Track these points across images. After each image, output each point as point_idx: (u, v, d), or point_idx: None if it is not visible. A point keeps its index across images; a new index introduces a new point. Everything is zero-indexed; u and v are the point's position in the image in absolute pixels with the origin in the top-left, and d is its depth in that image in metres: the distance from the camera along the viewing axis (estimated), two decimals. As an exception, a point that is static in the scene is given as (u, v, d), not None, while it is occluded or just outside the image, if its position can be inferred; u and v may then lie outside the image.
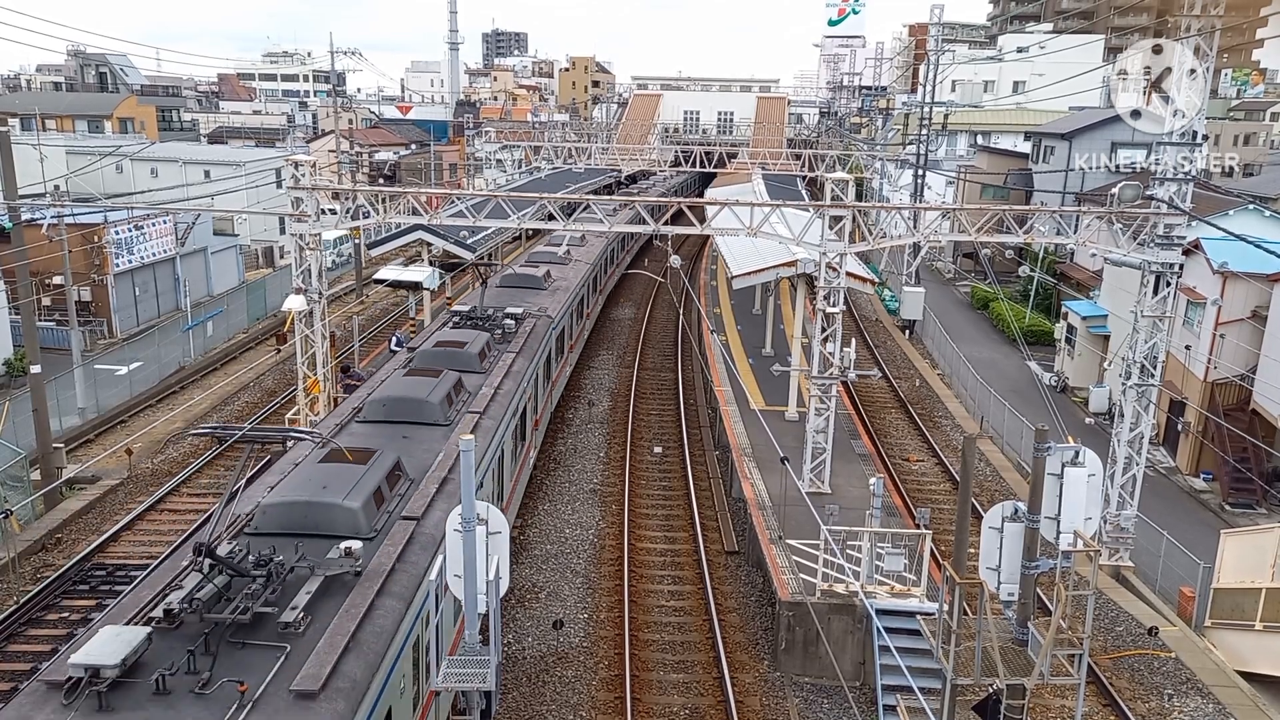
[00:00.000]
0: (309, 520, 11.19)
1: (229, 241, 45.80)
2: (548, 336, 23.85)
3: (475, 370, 18.84)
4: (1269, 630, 16.52)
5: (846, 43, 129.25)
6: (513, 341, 21.71)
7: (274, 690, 8.22)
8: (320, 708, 8.10)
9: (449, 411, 16.16)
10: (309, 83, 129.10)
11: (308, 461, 12.92)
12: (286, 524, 11.15)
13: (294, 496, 11.51)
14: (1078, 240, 20.59)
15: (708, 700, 15.64)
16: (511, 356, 20.34)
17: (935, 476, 25.68)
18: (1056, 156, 48.86)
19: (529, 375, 20.62)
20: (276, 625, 9.09)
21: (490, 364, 19.70)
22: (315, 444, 13.25)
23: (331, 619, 9.37)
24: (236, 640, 8.84)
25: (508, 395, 18.14)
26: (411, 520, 11.79)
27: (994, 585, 10.55)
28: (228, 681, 8.20)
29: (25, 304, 22.26)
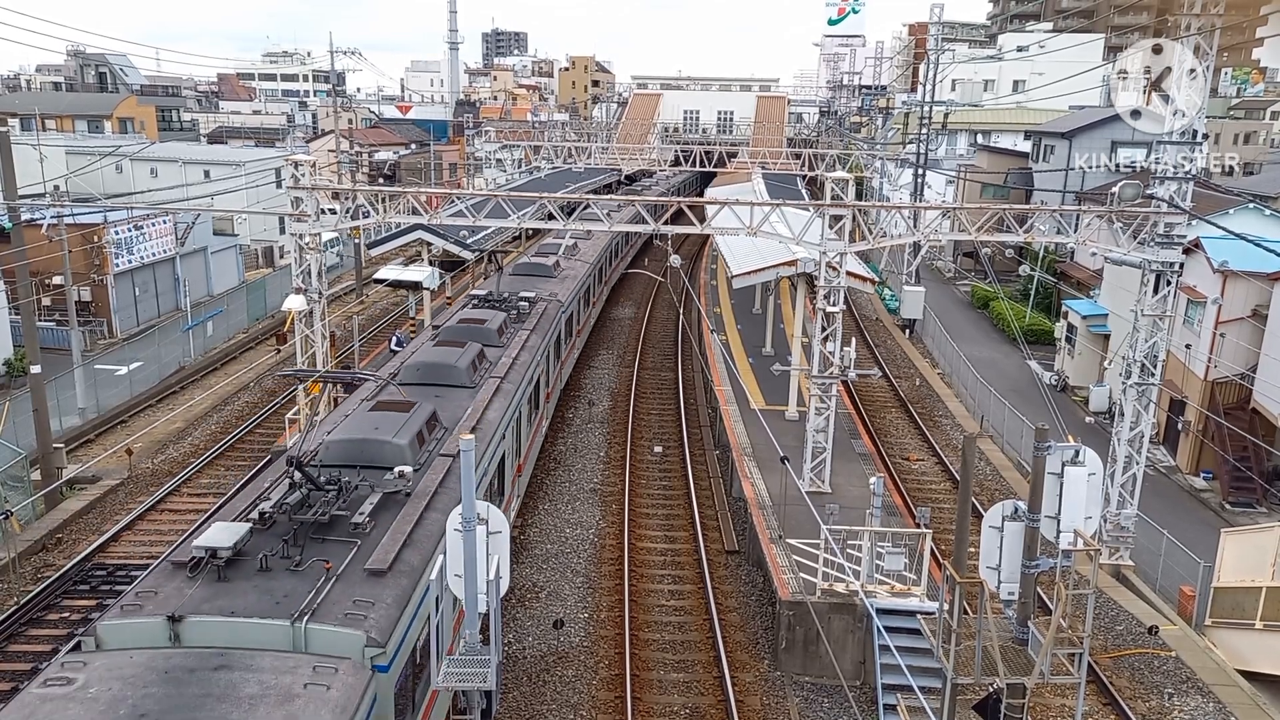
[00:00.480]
0: (365, 454, 13.26)
1: (229, 241, 45.81)
2: (558, 318, 25.79)
3: (494, 344, 20.86)
4: (1269, 629, 16.52)
5: (846, 42, 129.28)
6: (527, 321, 23.65)
7: (351, 569, 10.43)
8: (388, 582, 10.26)
9: (474, 376, 18.30)
10: (309, 82, 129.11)
11: (360, 409, 15.17)
12: (347, 457, 13.17)
13: (353, 434, 13.70)
14: (1078, 239, 20.58)
15: (708, 700, 15.65)
16: (526, 333, 22.33)
17: (935, 476, 25.68)
18: (1056, 155, 48.87)
19: (542, 350, 22.56)
20: (349, 525, 11.27)
21: (507, 339, 21.66)
22: (377, 386, 16.14)
23: (391, 524, 11.51)
24: (318, 536, 10.99)
25: (524, 366, 20.21)
26: (448, 457, 13.83)
27: (994, 584, 10.55)
28: (316, 561, 10.39)
29: (25, 304, 22.26)
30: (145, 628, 9.31)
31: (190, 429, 27.41)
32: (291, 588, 9.91)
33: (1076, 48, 71.71)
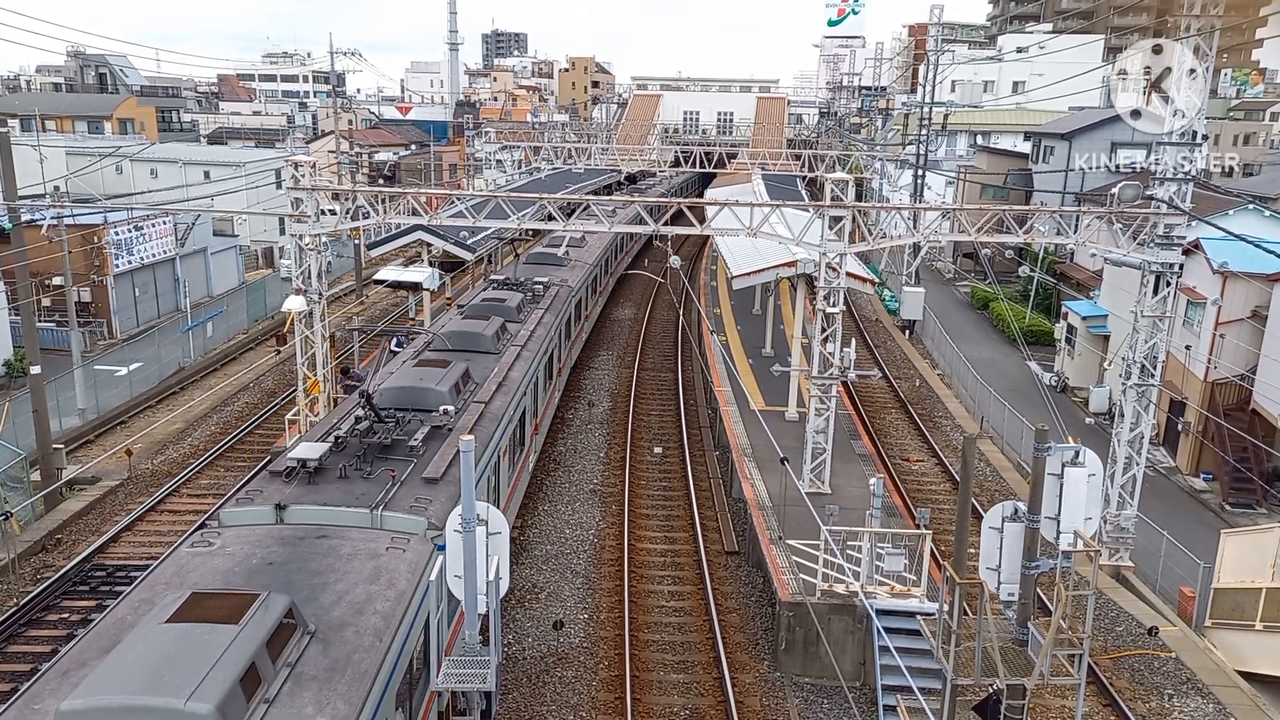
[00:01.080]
0: (414, 398, 15.98)
1: (229, 242, 45.81)
2: (569, 301, 28.47)
3: (514, 320, 23.54)
4: (1269, 630, 16.52)
5: (846, 43, 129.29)
6: (542, 301, 26.34)
7: (412, 477, 13.12)
8: (440, 487, 12.93)
9: (498, 344, 21.12)
10: (309, 83, 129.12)
11: (406, 365, 18.08)
12: (399, 400, 15.83)
13: (404, 383, 16.45)
14: (1077, 240, 20.58)
15: (708, 700, 15.64)
16: (541, 312, 25.08)
17: (935, 476, 25.68)
18: (1056, 156, 48.87)
19: (555, 327, 25.19)
20: (406, 447, 13.97)
21: (525, 316, 24.36)
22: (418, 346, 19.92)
23: (439, 448, 14.12)
24: (382, 455, 13.69)
25: (540, 339, 22.88)
26: (480, 403, 16.87)
27: (994, 585, 10.55)
28: (384, 471, 13.07)
29: (25, 305, 22.26)
30: (257, 513, 11.99)
31: (190, 430, 27.40)
32: (366, 489, 12.67)
33: (1076, 49, 71.73)
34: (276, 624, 8.85)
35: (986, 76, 78.07)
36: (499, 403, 17.42)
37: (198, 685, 7.73)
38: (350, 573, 10.56)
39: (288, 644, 8.86)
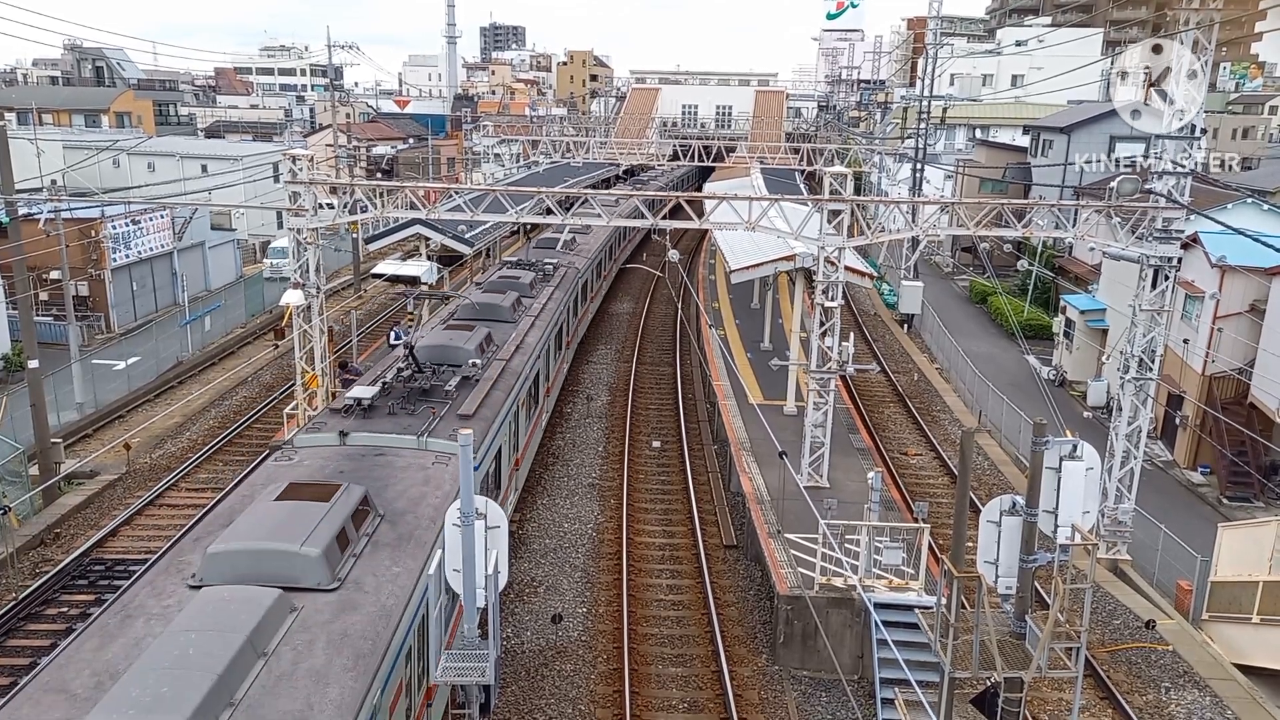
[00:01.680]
0: (445, 355, 19.03)
1: (226, 236, 45.77)
2: (576, 281, 31.06)
3: (528, 295, 26.19)
4: (1266, 623, 16.56)
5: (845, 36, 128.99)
6: (552, 280, 28.95)
7: (449, 414, 15.96)
8: (472, 422, 15.55)
9: (514, 314, 23.78)
10: (306, 77, 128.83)
11: (437, 328, 21.52)
12: (433, 357, 18.77)
13: (437, 342, 19.69)
14: (1076, 234, 20.58)
15: (706, 694, 15.68)
16: (551, 289, 27.73)
17: (933, 470, 25.71)
18: (1055, 150, 48.83)
19: (564, 303, 27.82)
20: (443, 391, 16.97)
21: (537, 292, 26.98)
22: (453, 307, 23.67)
23: (469, 393, 17.09)
24: (422, 397, 16.58)
25: (550, 311, 25.42)
26: (502, 361, 19.59)
27: (992, 579, 10.56)
28: (425, 408, 16.07)
29: (23, 299, 22.23)
30: (324, 438, 14.85)
31: (188, 424, 27.39)
32: (412, 421, 15.46)
33: (1075, 42, 71.58)
34: (356, 505, 11.73)
35: (985, 70, 77.96)
36: (517, 361, 20.27)
37: (307, 537, 10.63)
38: (405, 479, 13.51)
39: (365, 520, 11.82)
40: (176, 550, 11.38)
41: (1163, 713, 15.63)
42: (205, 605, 9.57)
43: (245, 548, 10.53)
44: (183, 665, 8.42)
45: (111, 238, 35.35)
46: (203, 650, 8.62)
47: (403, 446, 14.64)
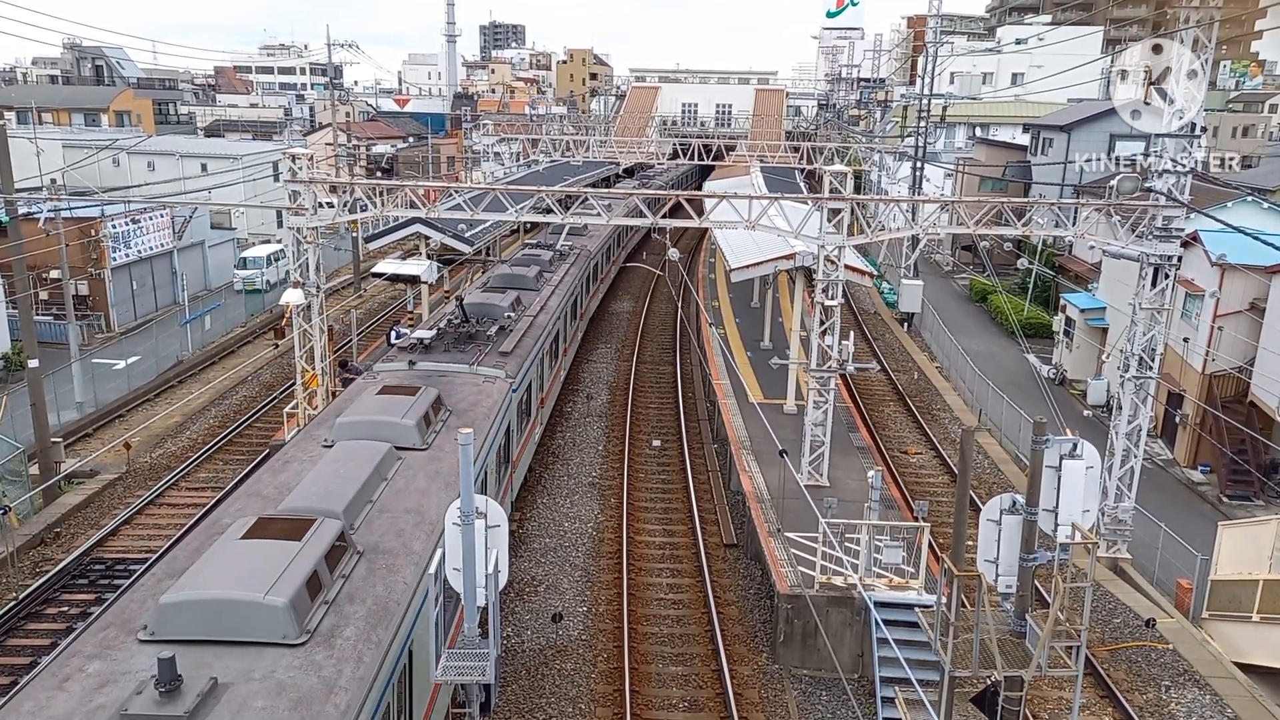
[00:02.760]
0: (485, 310, 23.26)
1: (226, 235, 45.73)
2: (589, 262, 34.75)
3: (548, 270, 30.09)
4: (1266, 622, 16.57)
5: (845, 34, 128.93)
6: (567, 259, 32.74)
7: (490, 351, 19.88)
8: (510, 357, 19.70)
9: (537, 284, 27.65)
10: (306, 76, 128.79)
11: (477, 291, 26.24)
12: (475, 312, 22.76)
13: (479, 300, 24.08)
14: (1076, 233, 20.57)
15: (706, 693, 15.68)
16: (568, 266, 31.52)
17: (933, 469, 25.71)
18: (1055, 148, 48.81)
19: (578, 279, 31.54)
20: (485, 336, 21.02)
21: (555, 267, 30.88)
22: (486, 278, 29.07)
23: (506, 336, 21.19)
24: (468, 340, 20.75)
25: (567, 284, 29.29)
26: (530, 317, 23.56)
27: (992, 578, 10.55)
28: (472, 348, 20.04)
29: (23, 298, 22.23)
30: (397, 365, 19.02)
31: (188, 423, 27.39)
32: (463, 355, 19.64)
33: (1075, 40, 71.55)
34: (434, 399, 16.15)
35: (985, 68, 77.95)
36: (542, 319, 24.02)
37: (405, 413, 15.02)
38: (462, 391, 17.64)
39: (441, 409, 16.21)
40: (313, 424, 16.36)
41: (1163, 711, 15.64)
42: (340, 452, 13.51)
43: (364, 419, 14.79)
44: (338, 474, 12.53)
45: (111, 237, 35.34)
46: (352, 462, 12.93)
47: (458, 371, 18.84)
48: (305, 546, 10.19)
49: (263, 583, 9.36)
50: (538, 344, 22.18)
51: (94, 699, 8.19)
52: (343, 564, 10.56)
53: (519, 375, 19.56)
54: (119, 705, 8.03)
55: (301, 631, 9.24)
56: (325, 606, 9.78)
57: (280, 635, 9.09)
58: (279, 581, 9.43)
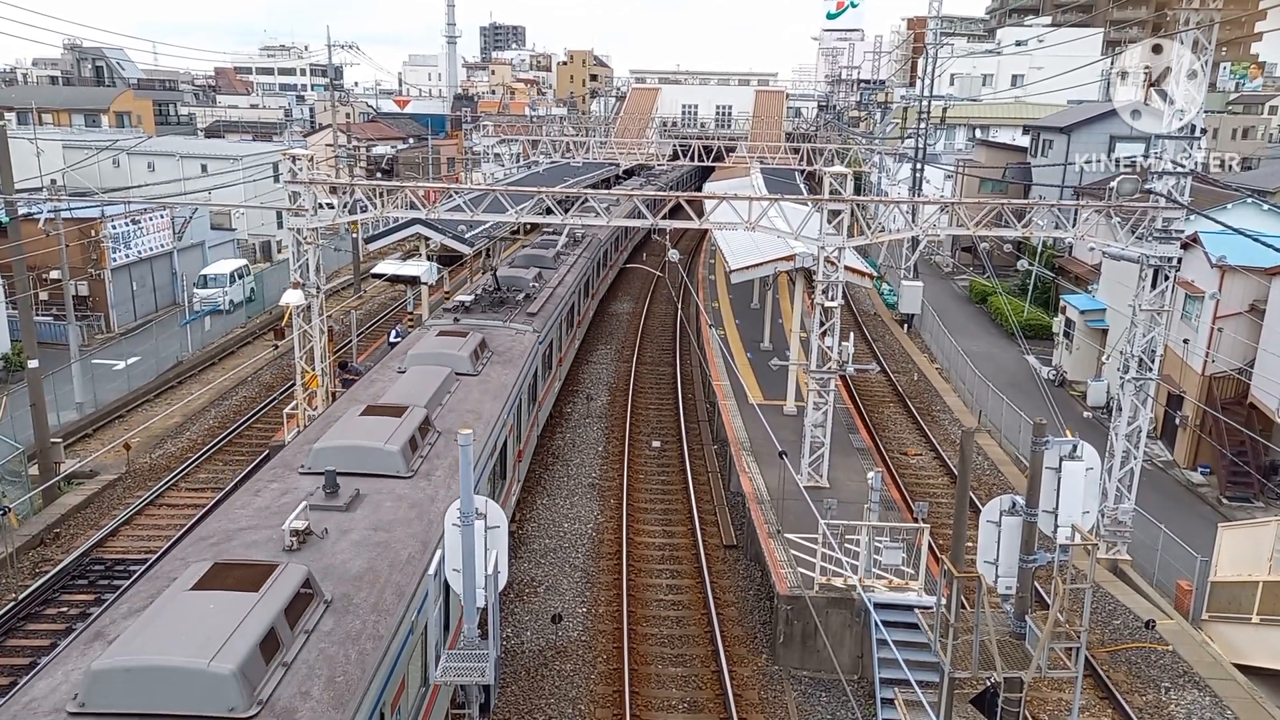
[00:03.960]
0: (513, 282, 27.32)
1: (226, 236, 45.72)
2: (600, 246, 38.24)
3: (563, 251, 33.43)
4: (1265, 623, 16.57)
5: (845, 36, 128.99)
6: (582, 242, 36.18)
7: (519, 312, 23.98)
8: (536, 317, 23.75)
9: (555, 263, 31.55)
10: (306, 77, 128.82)
11: (505, 268, 29.93)
12: (504, 283, 26.88)
13: (506, 273, 28.35)
14: (1076, 234, 20.57)
15: (706, 694, 15.67)
16: (581, 249, 35.06)
17: (933, 470, 25.71)
18: (1055, 150, 48.83)
19: (591, 260, 35.16)
20: (514, 300, 25.00)
21: (569, 250, 34.13)
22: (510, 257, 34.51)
23: (531, 301, 25.27)
24: (500, 303, 24.72)
25: (581, 264, 32.76)
26: (550, 288, 27.55)
27: (992, 579, 10.56)
28: (504, 309, 24.12)
29: (23, 299, 22.23)
30: (443, 321, 22.49)
31: (188, 424, 27.39)
32: (497, 314, 23.63)
33: (1075, 42, 71.59)
34: (481, 340, 19.84)
35: (985, 70, 77.98)
36: (560, 290, 27.86)
37: (459, 351, 18.81)
38: (499, 339, 21.37)
39: (484, 350, 19.69)
40: (382, 363, 19.97)
41: (1162, 713, 15.63)
42: (414, 373, 17.33)
43: (430, 351, 18.85)
44: (417, 385, 16.54)
45: (111, 237, 35.35)
46: (425, 378, 16.92)
47: (495, 325, 22.45)
48: (404, 421, 14.21)
49: (390, 440, 13.55)
50: (557, 310, 26.20)
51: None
52: (426, 444, 14.30)
53: (543, 331, 23.53)
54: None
55: (408, 469, 13.23)
56: (433, 445, 14.40)
57: (398, 474, 13.08)
58: (397, 432, 13.83)
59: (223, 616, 8.69)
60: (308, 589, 9.55)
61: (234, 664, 8.11)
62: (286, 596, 9.19)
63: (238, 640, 8.39)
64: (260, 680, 8.33)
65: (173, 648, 8.27)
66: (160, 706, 7.99)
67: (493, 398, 17.51)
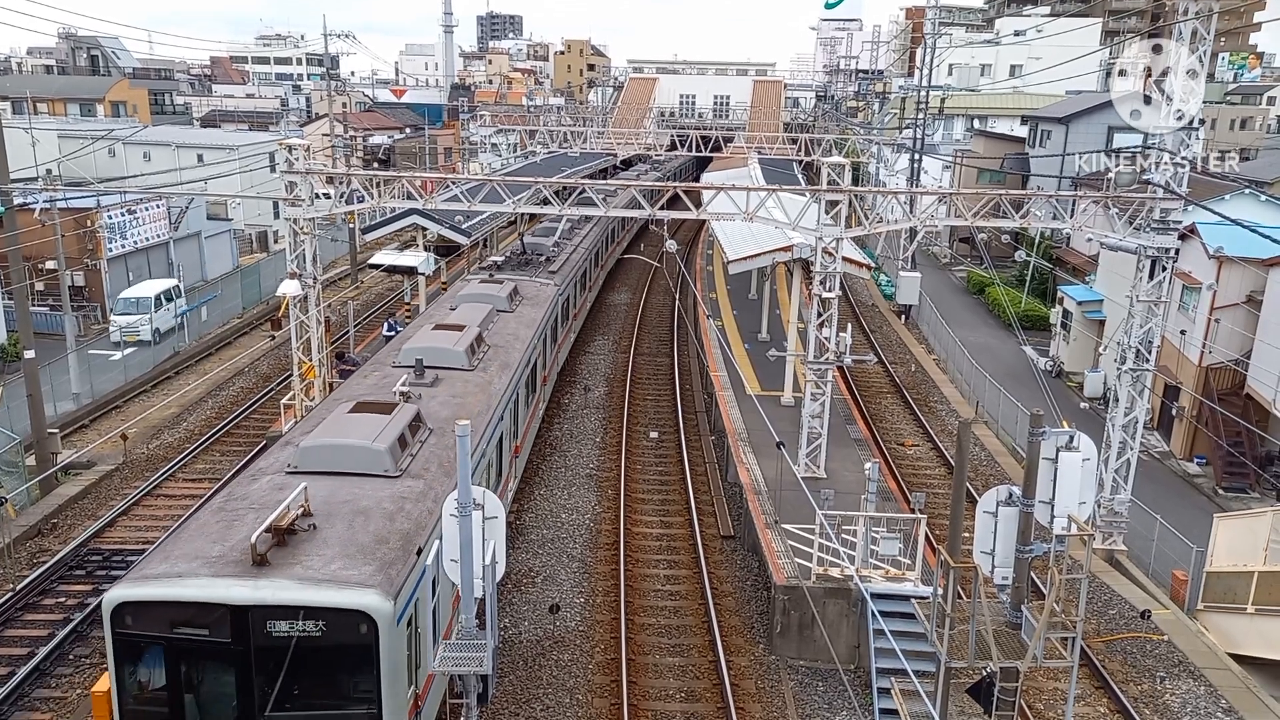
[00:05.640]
0: (535, 247, 32.00)
1: (223, 226, 45.59)
2: (606, 229, 41.18)
3: (578, 225, 37.54)
4: (1261, 613, 16.63)
5: (843, 26, 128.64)
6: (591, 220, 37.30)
7: (542, 270, 28.93)
8: (556, 275, 28.47)
9: (572, 233, 36.14)
10: (302, 66, 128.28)
11: (527, 236, 35.73)
12: (529, 248, 31.82)
13: (530, 240, 33.92)
14: (1074, 225, 20.57)
15: (703, 683, 15.72)
16: (589, 228, 38.05)
17: (930, 461, 25.75)
18: (1053, 140, 48.77)
19: (597, 239, 38.59)
20: (537, 262, 30.09)
21: (576, 231, 37.28)
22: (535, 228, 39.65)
23: (552, 261, 30.47)
24: (526, 264, 29.57)
25: (591, 238, 37.11)
26: (566, 255, 31.68)
27: (988, 569, 10.58)
28: (529, 268, 29.01)
29: (19, 289, 22.17)
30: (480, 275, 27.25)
31: (185, 414, 27.37)
32: (524, 271, 28.17)
33: (1074, 32, 71.44)
34: (514, 288, 24.27)
35: (984, 60, 77.84)
36: (574, 258, 32.27)
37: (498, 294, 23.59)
38: (527, 289, 25.73)
39: (516, 295, 24.16)
40: (436, 302, 25.61)
41: (1157, 702, 15.71)
42: (464, 308, 21.89)
43: (477, 293, 23.74)
44: (468, 314, 21.08)
45: (107, 227, 35.23)
46: (473, 310, 21.36)
47: (523, 279, 26.54)
48: (465, 334, 19.12)
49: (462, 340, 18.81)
50: (572, 272, 30.68)
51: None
52: (481, 350, 19.23)
53: (563, 285, 28.19)
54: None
55: (470, 364, 18.20)
56: (486, 352, 19.34)
57: None
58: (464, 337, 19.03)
59: (372, 424, 13.26)
60: (418, 420, 14.21)
61: (386, 445, 12.79)
62: (407, 420, 13.74)
63: (385, 435, 12.99)
64: (400, 458, 12.94)
65: (348, 435, 12.94)
66: (343, 467, 12.43)
67: (526, 327, 22.35)
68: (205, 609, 9.69)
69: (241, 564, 9.97)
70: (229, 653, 9.73)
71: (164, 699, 9.90)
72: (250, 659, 9.72)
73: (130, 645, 9.86)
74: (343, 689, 10.13)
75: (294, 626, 9.65)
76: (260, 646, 9.64)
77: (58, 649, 15.80)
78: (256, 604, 9.62)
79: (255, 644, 9.66)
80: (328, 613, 9.74)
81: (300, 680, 9.85)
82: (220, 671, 9.92)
